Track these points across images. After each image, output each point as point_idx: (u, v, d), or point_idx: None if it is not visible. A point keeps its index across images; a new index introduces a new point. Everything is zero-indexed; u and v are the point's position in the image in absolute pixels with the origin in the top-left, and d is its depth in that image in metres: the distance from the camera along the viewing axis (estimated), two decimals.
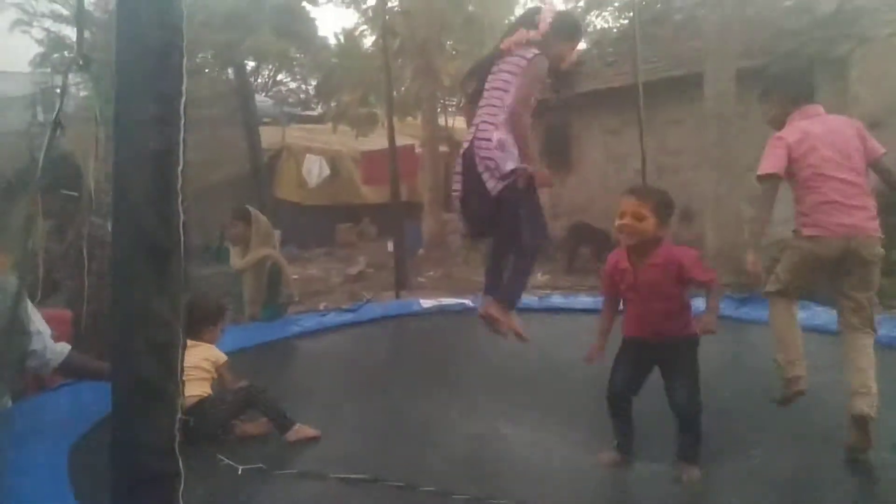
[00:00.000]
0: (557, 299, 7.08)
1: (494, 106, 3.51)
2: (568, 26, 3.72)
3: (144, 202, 1.78)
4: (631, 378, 3.23)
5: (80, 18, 3.90)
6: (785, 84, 3.50)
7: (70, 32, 17.63)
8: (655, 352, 3.18)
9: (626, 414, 3.25)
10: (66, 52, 17.49)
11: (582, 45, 21.12)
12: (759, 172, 3.31)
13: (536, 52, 3.53)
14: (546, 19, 3.59)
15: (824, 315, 4.65)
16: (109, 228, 4.66)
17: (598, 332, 3.36)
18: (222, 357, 3.85)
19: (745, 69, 8.30)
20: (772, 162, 3.28)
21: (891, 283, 6.87)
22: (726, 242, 8.36)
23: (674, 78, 9.83)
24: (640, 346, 3.22)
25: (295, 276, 8.45)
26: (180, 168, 1.79)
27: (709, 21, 8.26)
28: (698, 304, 3.21)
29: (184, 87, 1.76)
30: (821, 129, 3.27)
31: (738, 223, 7.61)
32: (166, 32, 1.79)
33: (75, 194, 4.39)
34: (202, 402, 3.50)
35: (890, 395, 3.17)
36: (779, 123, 3.41)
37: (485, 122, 3.51)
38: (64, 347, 3.55)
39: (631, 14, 10.44)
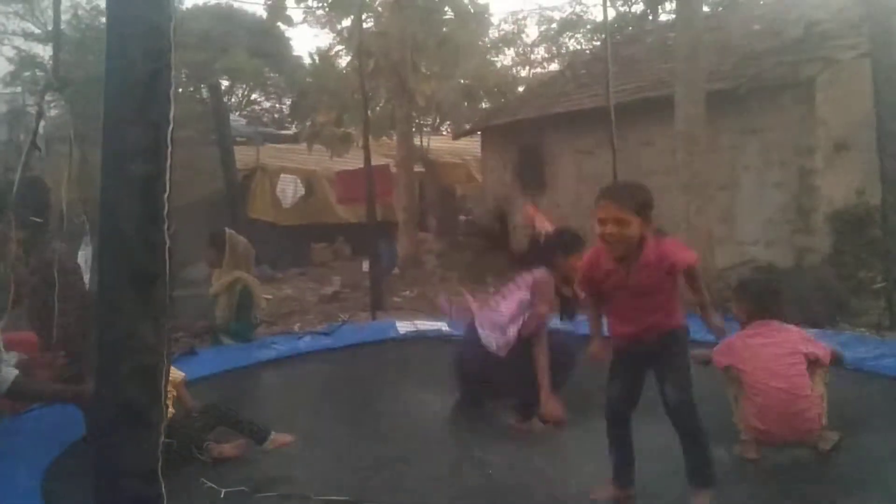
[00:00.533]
0: None
1: (486, 303, 4.19)
2: (568, 240, 4.19)
3: (131, 228, 1.80)
4: (627, 387, 3.10)
5: (56, 40, 3.90)
6: (755, 299, 3.73)
7: (41, 51, 17.50)
8: (648, 351, 3.05)
9: (625, 434, 3.10)
10: (37, 71, 17.34)
11: (554, 67, 21.51)
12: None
13: (541, 272, 4.02)
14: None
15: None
16: (80, 253, 4.61)
17: (592, 334, 3.26)
18: (179, 374, 3.89)
19: (714, 92, 8.45)
20: (717, 357, 3.67)
21: (859, 302, 6.99)
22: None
23: (646, 99, 9.95)
24: (631, 351, 3.10)
25: (269, 297, 8.41)
26: (167, 194, 1.81)
27: (678, 44, 8.42)
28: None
29: (171, 115, 1.78)
30: (764, 343, 3.55)
31: (708, 244, 7.72)
32: (154, 61, 1.81)
33: (40, 220, 4.34)
34: (170, 421, 3.48)
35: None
36: (742, 325, 3.73)
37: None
38: (9, 374, 3.49)
39: (603, 36, 10.59)
